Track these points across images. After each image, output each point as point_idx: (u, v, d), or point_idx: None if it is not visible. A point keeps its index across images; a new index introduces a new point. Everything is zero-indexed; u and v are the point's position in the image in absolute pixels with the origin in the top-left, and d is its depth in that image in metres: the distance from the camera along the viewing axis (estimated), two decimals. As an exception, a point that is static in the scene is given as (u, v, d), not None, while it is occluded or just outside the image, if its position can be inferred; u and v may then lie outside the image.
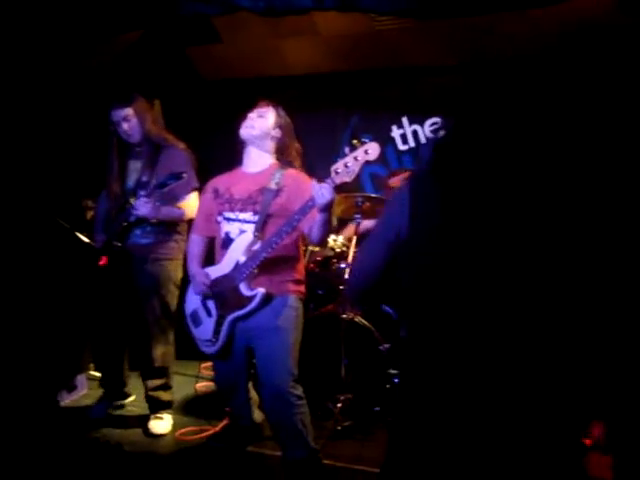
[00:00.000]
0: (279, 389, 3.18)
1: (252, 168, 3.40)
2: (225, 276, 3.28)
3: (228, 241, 3.30)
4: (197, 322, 3.44)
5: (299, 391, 3.24)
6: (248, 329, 3.27)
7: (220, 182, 3.46)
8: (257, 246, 3.17)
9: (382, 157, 5.71)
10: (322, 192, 2.87)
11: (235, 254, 3.24)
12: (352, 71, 5.72)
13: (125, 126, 3.97)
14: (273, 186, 3.24)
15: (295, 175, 3.31)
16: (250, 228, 3.23)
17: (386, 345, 4.19)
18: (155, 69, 5.77)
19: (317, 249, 4.61)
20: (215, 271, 3.35)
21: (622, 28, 4.62)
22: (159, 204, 3.86)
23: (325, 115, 5.89)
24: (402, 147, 5.71)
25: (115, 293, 4.13)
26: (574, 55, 4.98)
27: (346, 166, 2.84)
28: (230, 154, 6.18)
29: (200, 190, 3.96)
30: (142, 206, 3.80)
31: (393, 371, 4.15)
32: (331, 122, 5.86)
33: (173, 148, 4.10)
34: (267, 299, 3.20)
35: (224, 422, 4.17)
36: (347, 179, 2.86)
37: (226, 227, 3.33)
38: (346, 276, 4.25)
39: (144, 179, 3.97)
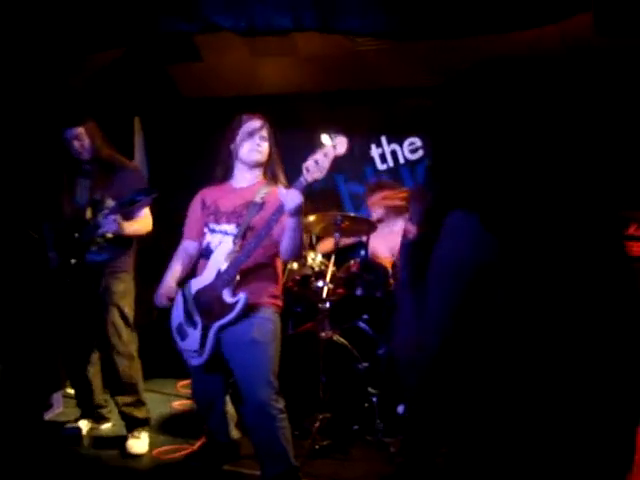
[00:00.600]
0: (261, 402, 3.17)
1: (241, 183, 3.44)
2: (208, 285, 3.29)
3: (209, 252, 3.33)
4: (183, 335, 3.41)
5: (281, 405, 3.23)
6: (225, 341, 3.27)
7: (208, 194, 3.49)
8: (237, 253, 3.20)
9: (361, 176, 5.76)
10: (291, 196, 2.95)
11: (216, 263, 3.26)
12: (331, 91, 5.76)
13: (76, 145, 4.02)
14: (258, 200, 3.28)
15: (279, 192, 3.27)
16: (229, 239, 3.27)
17: (364, 364, 4.20)
18: (136, 86, 5.78)
19: (295, 267, 4.62)
20: (198, 282, 3.36)
21: (601, 50, 4.69)
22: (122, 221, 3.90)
23: (303, 134, 5.91)
24: (381, 167, 5.75)
25: (77, 310, 4.14)
26: (553, 76, 5.05)
27: (316, 162, 2.93)
28: (209, 170, 6.20)
29: (162, 208, 4.13)
30: (110, 223, 3.81)
31: (371, 390, 4.16)
32: (309, 141, 5.88)
33: (126, 168, 4.15)
34: (249, 307, 3.20)
35: (201, 441, 4.15)
36: (318, 176, 2.94)
37: (208, 238, 3.37)
38: (324, 295, 4.26)
39: (97, 197, 4.00)
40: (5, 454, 3.08)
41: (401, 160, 5.71)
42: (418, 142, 5.64)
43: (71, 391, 4.84)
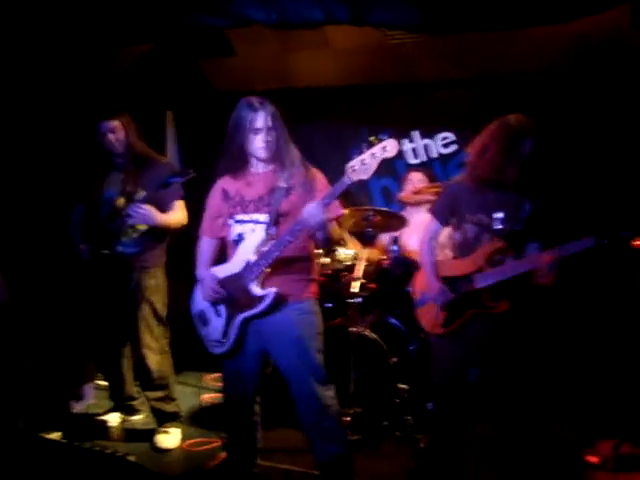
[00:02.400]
0: (312, 397, 3.12)
1: (258, 169, 3.25)
2: (235, 275, 3.17)
3: (240, 241, 3.20)
4: (205, 322, 3.34)
5: (331, 392, 3.17)
6: (265, 337, 3.19)
7: (229, 184, 3.31)
8: (269, 245, 3.08)
9: (393, 171, 5.72)
10: (310, 212, 2.86)
11: (245, 253, 3.14)
12: (363, 84, 5.74)
13: (111, 137, 4.03)
14: (283, 184, 3.13)
15: (303, 172, 3.18)
16: (262, 228, 3.14)
17: (394, 359, 4.17)
18: (168, 81, 5.81)
19: (327, 262, 4.61)
20: (224, 270, 3.25)
21: (635, 45, 4.62)
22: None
23: (335, 128, 5.90)
24: (413, 161, 5.70)
25: (109, 303, 4.16)
26: (586, 72, 4.99)
27: (363, 163, 2.78)
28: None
29: (185, 199, 4.09)
30: (142, 213, 3.84)
31: (401, 385, 4.14)
32: (341, 135, 5.88)
33: (157, 162, 4.16)
34: (280, 301, 3.10)
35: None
36: (364, 176, 2.80)
37: (238, 229, 3.21)
38: (355, 289, 4.24)
39: (128, 189, 4.01)
40: (31, 445, 3.11)
41: (434, 154, 5.66)
42: (451, 136, 5.58)
43: (103, 383, 4.90)
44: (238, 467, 3.43)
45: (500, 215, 3.18)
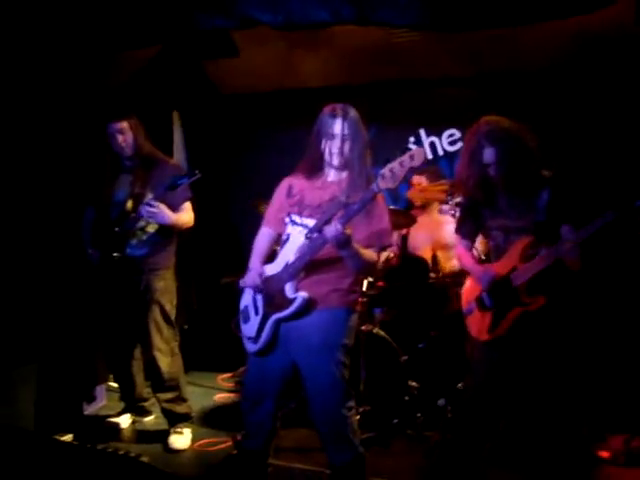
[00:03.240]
0: (330, 408, 3.11)
1: (331, 177, 3.24)
2: (276, 275, 3.19)
3: (287, 241, 3.22)
4: (246, 318, 3.34)
5: (351, 403, 3.16)
6: (294, 341, 3.17)
7: (296, 182, 3.31)
8: (304, 248, 3.08)
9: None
10: (329, 230, 2.85)
11: (287, 254, 3.16)
12: (368, 83, 5.75)
13: (120, 139, 4.05)
14: (342, 198, 3.04)
15: (367, 194, 3.00)
16: (305, 232, 3.12)
17: (404, 357, 4.19)
18: (173, 82, 5.83)
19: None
20: (270, 269, 3.26)
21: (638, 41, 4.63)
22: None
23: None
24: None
25: (119, 305, 4.19)
26: (592, 66, 5.00)
27: (391, 171, 2.78)
28: (247, 164, 6.23)
29: (192, 200, 4.10)
30: (152, 211, 3.85)
31: (412, 383, 4.15)
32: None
33: (165, 164, 4.18)
34: (310, 305, 3.09)
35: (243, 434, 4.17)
36: (391, 185, 2.80)
37: (289, 229, 3.22)
38: (364, 288, 4.25)
39: (137, 191, 4.03)
40: (44, 446, 3.13)
41: (440, 152, 5.67)
42: (457, 133, 5.59)
43: (114, 384, 4.92)
44: (249, 465, 3.43)
45: (517, 212, 3.21)
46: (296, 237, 3.16)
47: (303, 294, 3.08)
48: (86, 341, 4.72)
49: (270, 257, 3.39)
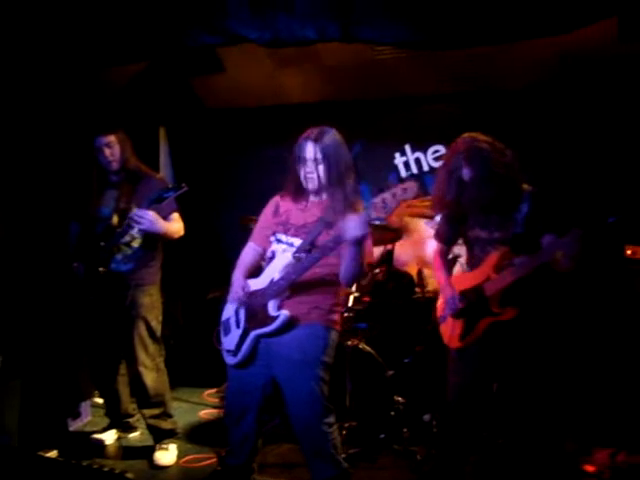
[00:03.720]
0: (309, 421, 3.13)
1: (312, 199, 3.26)
2: (259, 291, 3.22)
3: (272, 259, 3.25)
4: (227, 330, 3.37)
5: (331, 419, 3.17)
6: (275, 357, 3.20)
7: (283, 202, 3.36)
8: (292, 267, 3.10)
9: (385, 185, 5.77)
10: (353, 225, 2.81)
11: (272, 271, 3.20)
12: (354, 99, 5.79)
13: (107, 152, 4.04)
14: (327, 218, 3.12)
15: (347, 212, 3.07)
16: (292, 251, 3.16)
17: (390, 372, 4.19)
18: (160, 97, 5.85)
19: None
20: (254, 284, 3.29)
21: (623, 57, 4.70)
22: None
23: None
24: (405, 174, 5.75)
25: (104, 321, 4.17)
26: (574, 84, 5.07)
27: (384, 202, 2.80)
28: (233, 180, 6.24)
29: (179, 212, 4.10)
30: (146, 218, 3.81)
31: (397, 398, 4.15)
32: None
33: (151, 178, 4.17)
34: (291, 324, 3.12)
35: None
36: (383, 215, 2.84)
37: (274, 247, 3.27)
38: (349, 303, 4.27)
39: (122, 206, 4.02)
40: (29, 462, 3.11)
41: (425, 168, 5.71)
42: (442, 149, 5.63)
43: (99, 400, 4.90)
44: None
45: (495, 225, 3.24)
46: (281, 255, 3.20)
47: (285, 312, 3.11)
48: (71, 357, 4.69)
49: (255, 272, 3.41)
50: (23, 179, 4.46)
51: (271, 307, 3.15)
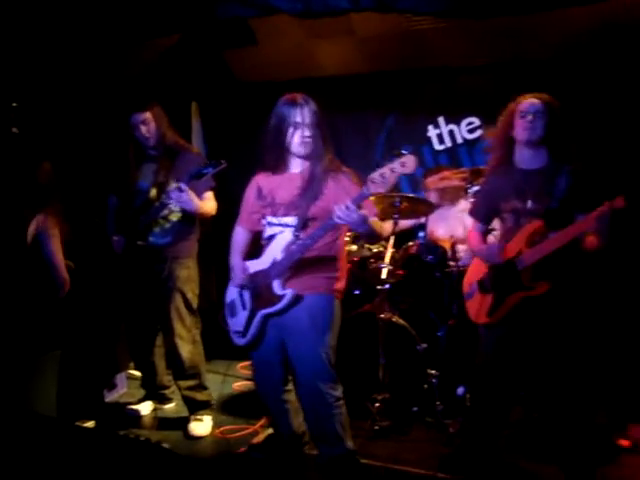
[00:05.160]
0: (316, 391, 3.19)
1: (294, 169, 3.31)
2: (262, 271, 3.29)
3: (270, 240, 3.30)
4: (233, 313, 3.46)
5: (338, 392, 3.24)
6: (282, 327, 3.28)
7: (263, 182, 3.41)
8: (294, 246, 3.16)
9: (419, 157, 5.71)
10: (344, 214, 2.86)
11: (273, 252, 3.24)
12: (387, 71, 5.72)
13: (143, 129, 4.05)
14: (313, 187, 3.19)
15: (336, 177, 3.23)
16: (290, 230, 3.21)
17: (423, 345, 4.18)
18: (192, 72, 5.83)
19: (354, 249, 4.63)
20: (255, 265, 3.36)
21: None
22: (178, 208, 3.99)
23: (360, 116, 5.89)
24: (438, 147, 5.68)
25: (141, 293, 4.22)
26: (609, 54, 4.95)
27: (382, 177, 2.79)
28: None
29: (215, 190, 4.12)
30: (179, 195, 3.79)
31: (431, 371, 4.15)
32: (366, 123, 5.87)
33: (189, 153, 4.18)
34: (297, 299, 3.19)
35: (262, 422, 4.21)
36: (381, 190, 2.82)
37: (269, 230, 3.32)
38: (383, 276, 4.25)
39: (161, 179, 4.05)
40: (66, 433, 3.17)
41: (459, 140, 5.64)
42: (476, 121, 5.56)
43: (135, 372, 4.96)
44: (284, 446, 3.62)
45: (532, 196, 3.19)
46: (280, 236, 3.24)
47: (291, 290, 3.18)
48: (108, 329, 4.75)
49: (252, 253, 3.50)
50: (61, 153, 4.48)
51: (276, 286, 3.21)
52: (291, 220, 3.23)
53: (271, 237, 3.30)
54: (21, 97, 3.79)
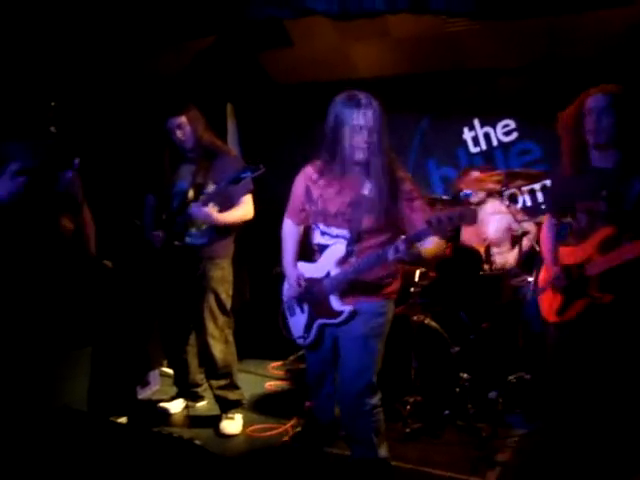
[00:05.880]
0: (356, 397, 3.16)
1: (348, 175, 3.07)
2: (317, 280, 3.22)
3: (322, 248, 3.22)
4: (292, 313, 3.44)
5: (376, 399, 3.19)
6: (336, 331, 3.25)
7: (313, 183, 3.23)
8: (349, 263, 3.08)
9: (454, 160, 5.69)
10: (399, 253, 2.81)
11: (327, 263, 3.17)
12: (422, 73, 5.71)
13: (179, 133, 4.08)
14: (366, 194, 3.05)
15: (390, 181, 3.04)
16: (343, 243, 3.11)
17: (456, 348, 4.16)
18: (227, 73, 5.87)
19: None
20: (309, 270, 3.29)
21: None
22: (216, 209, 3.99)
23: (395, 118, 5.84)
24: (474, 150, 5.66)
25: (176, 292, 4.26)
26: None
27: (439, 222, 2.65)
28: (301, 155, 6.23)
29: (253, 193, 4.13)
30: (202, 213, 3.92)
31: (463, 374, 4.12)
32: (401, 125, 5.85)
33: (226, 155, 4.20)
34: (355, 316, 3.13)
35: (293, 422, 4.22)
36: (438, 235, 2.78)
37: (321, 239, 3.22)
38: (416, 278, 4.24)
39: (199, 180, 4.08)
40: (99, 428, 3.21)
41: (494, 143, 5.61)
42: (512, 124, 5.52)
43: (168, 370, 5.00)
44: (316, 433, 3.67)
45: (605, 197, 3.02)
46: (333, 248, 3.16)
47: (350, 307, 3.13)
48: (142, 326, 4.80)
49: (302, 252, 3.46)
50: (100, 156, 4.55)
51: (334, 301, 3.16)
52: (343, 232, 3.11)
53: (323, 246, 3.21)
54: (60, 97, 3.85)
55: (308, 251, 3.41)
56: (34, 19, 4.00)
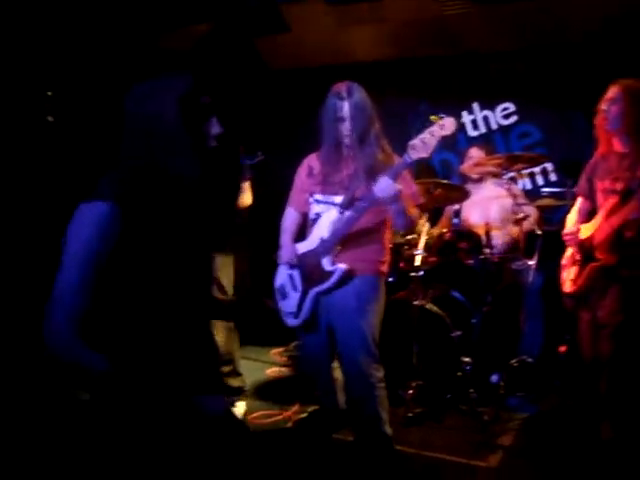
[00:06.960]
0: (360, 370, 3.21)
1: (345, 156, 3.30)
2: (311, 251, 3.34)
3: (316, 219, 3.35)
4: (284, 295, 3.50)
5: (380, 373, 3.27)
6: (330, 307, 3.32)
7: (315, 162, 3.43)
8: (339, 223, 3.20)
9: (453, 143, 5.67)
10: (381, 187, 2.94)
11: (320, 231, 3.30)
12: (420, 57, 5.68)
13: None
14: (363, 170, 3.20)
15: (383, 160, 3.22)
16: (336, 209, 3.26)
17: (457, 332, 4.16)
18: (224, 59, 5.84)
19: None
20: (303, 246, 3.42)
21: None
22: None
23: (393, 103, 5.85)
24: (473, 133, 5.64)
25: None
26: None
27: (423, 142, 2.85)
28: (297, 142, 6.22)
29: (253, 179, 4.17)
30: None
31: (465, 358, 4.12)
32: (399, 110, 5.83)
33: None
34: (348, 276, 3.22)
35: (295, 408, 4.23)
36: (424, 154, 2.88)
37: (316, 208, 3.37)
38: (417, 263, 4.23)
39: None
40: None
41: (494, 126, 5.59)
42: (511, 107, 5.50)
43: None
44: (324, 419, 3.74)
45: (619, 178, 3.30)
46: (327, 214, 3.29)
47: (342, 266, 3.22)
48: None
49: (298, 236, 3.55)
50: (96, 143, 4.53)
51: (326, 263, 3.26)
52: (338, 199, 3.27)
53: (317, 216, 3.35)
54: (55, 86, 3.84)
55: (304, 236, 3.49)
56: (31, 11, 3.98)
